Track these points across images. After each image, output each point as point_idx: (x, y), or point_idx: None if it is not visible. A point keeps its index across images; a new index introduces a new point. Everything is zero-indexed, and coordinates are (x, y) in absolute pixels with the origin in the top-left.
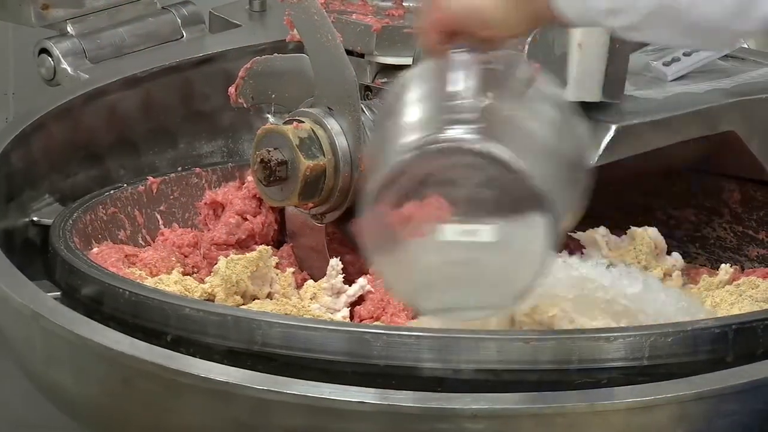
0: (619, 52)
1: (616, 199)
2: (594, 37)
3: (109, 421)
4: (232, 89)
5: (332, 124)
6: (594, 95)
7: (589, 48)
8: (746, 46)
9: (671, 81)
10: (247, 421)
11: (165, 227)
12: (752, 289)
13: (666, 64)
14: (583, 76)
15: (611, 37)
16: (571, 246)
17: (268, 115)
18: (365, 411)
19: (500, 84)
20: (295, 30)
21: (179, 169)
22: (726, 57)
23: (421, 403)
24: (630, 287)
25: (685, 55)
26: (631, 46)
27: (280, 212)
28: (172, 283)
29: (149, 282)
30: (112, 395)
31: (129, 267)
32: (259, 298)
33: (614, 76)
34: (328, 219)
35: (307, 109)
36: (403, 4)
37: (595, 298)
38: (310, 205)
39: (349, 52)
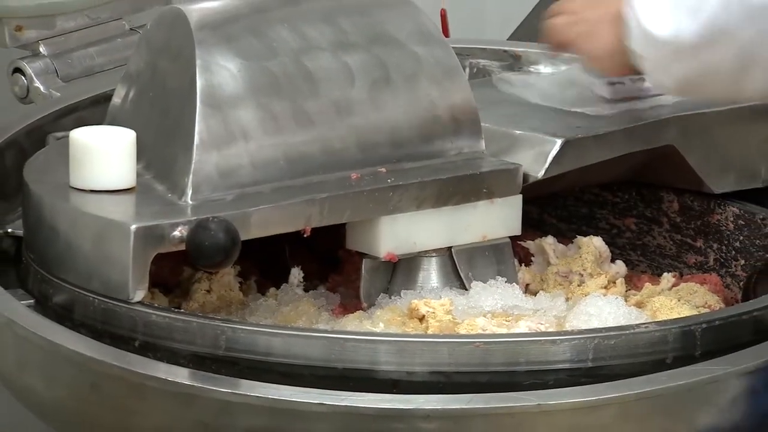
0: None
1: (562, 209)
2: None
3: (78, 423)
4: None
5: None
6: None
7: None
8: None
9: (613, 100)
10: (212, 423)
11: None
12: (690, 294)
13: (611, 84)
14: None
15: None
16: (521, 254)
17: None
18: (324, 412)
19: None
20: None
21: None
22: None
23: (376, 405)
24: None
25: (631, 80)
26: None
27: None
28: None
29: None
30: (82, 398)
31: None
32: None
33: None
34: None
35: None
36: None
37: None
38: None
39: None
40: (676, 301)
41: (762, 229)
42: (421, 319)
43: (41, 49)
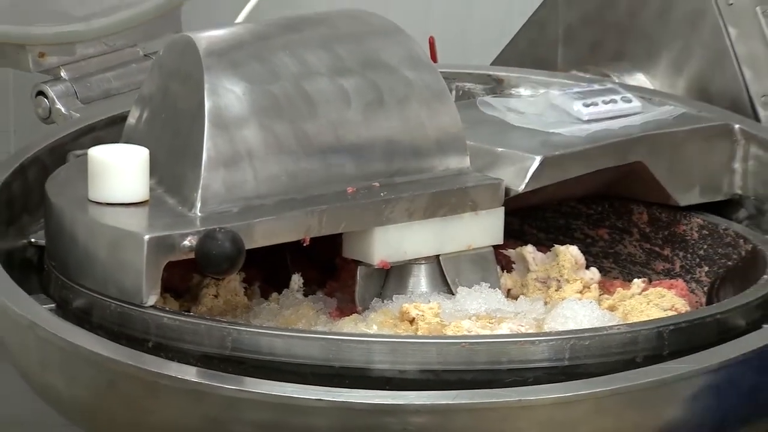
0: None
1: (541, 220)
2: None
3: (96, 419)
4: None
5: None
6: None
7: None
8: (651, 87)
9: (588, 120)
10: (219, 417)
11: None
12: (659, 298)
13: (586, 106)
14: None
15: None
16: (503, 261)
17: None
18: (322, 407)
19: None
20: None
21: None
22: (635, 97)
23: (371, 400)
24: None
25: (604, 103)
26: None
27: None
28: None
29: None
30: (99, 395)
31: None
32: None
33: None
34: None
35: None
36: None
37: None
38: None
39: None
40: (645, 305)
41: (724, 238)
42: (412, 321)
43: (62, 74)
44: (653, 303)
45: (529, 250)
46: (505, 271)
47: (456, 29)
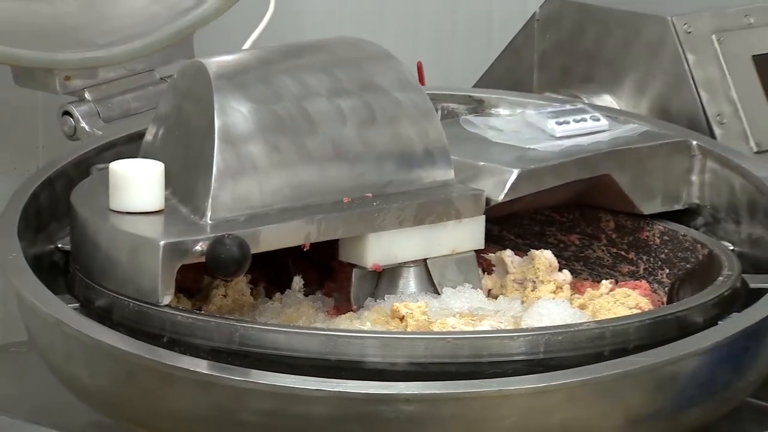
0: None
1: (518, 227)
2: None
3: (116, 407)
4: None
5: None
6: None
7: None
8: (617, 107)
9: (560, 137)
10: (227, 406)
11: None
12: (625, 297)
13: (558, 124)
14: None
15: None
16: (484, 264)
17: None
18: (321, 396)
19: None
20: None
21: None
22: (602, 116)
23: (365, 390)
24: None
25: (575, 121)
26: None
27: None
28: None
29: None
30: (119, 385)
31: None
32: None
33: None
34: None
35: None
36: None
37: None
38: None
39: None
40: (612, 304)
41: (683, 244)
42: (402, 318)
43: (86, 95)
44: (620, 302)
45: (508, 254)
46: (486, 273)
47: (441, 55)
